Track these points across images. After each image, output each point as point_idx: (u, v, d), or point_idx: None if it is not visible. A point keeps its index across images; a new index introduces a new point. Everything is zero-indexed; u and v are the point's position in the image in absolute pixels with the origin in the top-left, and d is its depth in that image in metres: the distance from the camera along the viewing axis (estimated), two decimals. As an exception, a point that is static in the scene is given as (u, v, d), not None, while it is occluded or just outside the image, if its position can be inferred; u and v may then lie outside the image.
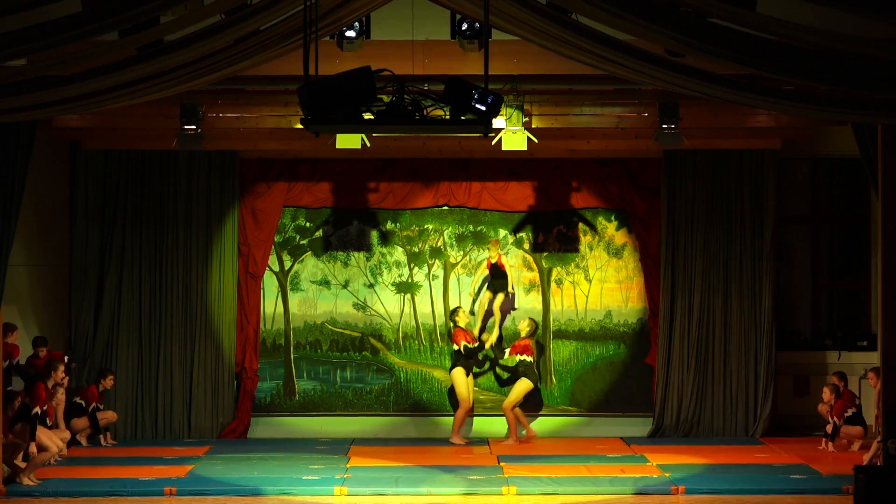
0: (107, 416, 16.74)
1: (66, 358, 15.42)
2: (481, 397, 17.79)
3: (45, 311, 17.07)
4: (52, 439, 14.46)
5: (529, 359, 16.88)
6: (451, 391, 17.39)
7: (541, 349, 17.59)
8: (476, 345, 17.06)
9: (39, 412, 14.01)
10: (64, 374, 15.10)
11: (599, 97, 15.58)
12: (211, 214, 17.56)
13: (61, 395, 14.93)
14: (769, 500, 13.62)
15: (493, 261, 17.45)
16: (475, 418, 17.66)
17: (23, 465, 13.96)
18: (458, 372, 16.95)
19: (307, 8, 10.02)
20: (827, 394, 16.37)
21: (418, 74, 12.25)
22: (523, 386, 16.84)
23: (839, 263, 18.74)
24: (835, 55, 10.30)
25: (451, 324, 17.32)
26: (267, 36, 11.01)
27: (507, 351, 17.21)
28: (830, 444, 16.17)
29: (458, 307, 17.40)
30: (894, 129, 13.23)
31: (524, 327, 17.05)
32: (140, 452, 16.18)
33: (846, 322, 18.51)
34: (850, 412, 16.22)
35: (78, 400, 16.38)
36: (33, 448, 13.82)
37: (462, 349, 16.90)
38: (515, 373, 17.03)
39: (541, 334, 17.55)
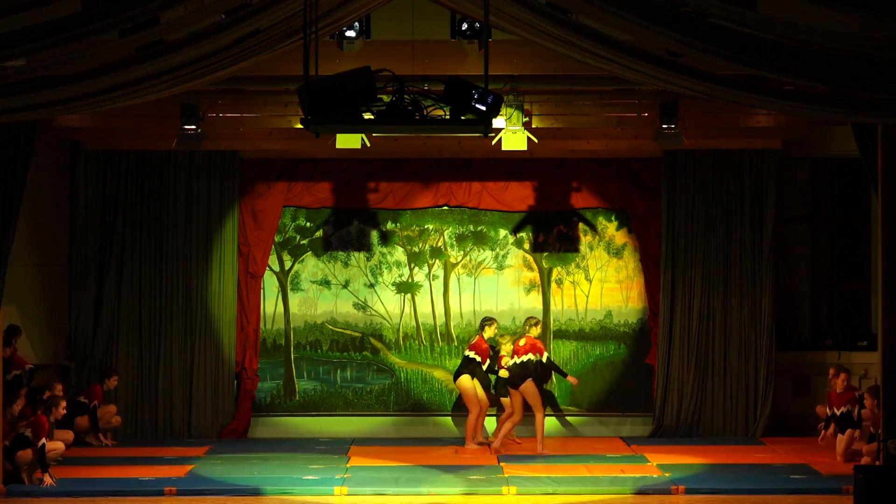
0: (109, 409, 16.72)
1: (61, 396, 15.20)
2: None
3: (45, 311, 17.07)
4: (55, 441, 14.48)
5: (539, 358, 16.26)
6: (460, 398, 17.13)
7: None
8: (487, 363, 16.46)
9: (45, 443, 13.97)
10: (64, 411, 15.03)
11: (599, 97, 15.58)
12: (211, 214, 17.56)
13: (62, 409, 14.86)
14: (769, 500, 13.63)
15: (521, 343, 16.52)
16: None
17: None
18: (465, 379, 16.48)
19: (307, 8, 10.02)
20: (833, 379, 15.95)
21: (418, 74, 12.24)
22: (533, 388, 16.18)
23: (839, 263, 18.74)
24: (835, 55, 10.30)
25: (480, 330, 16.70)
26: (267, 36, 11.02)
27: (512, 350, 16.38)
28: (826, 432, 15.94)
29: (493, 319, 16.73)
30: (894, 129, 13.23)
31: (532, 324, 16.45)
32: (140, 452, 16.18)
33: (846, 322, 18.51)
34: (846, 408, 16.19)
35: (82, 399, 16.39)
36: (48, 479, 13.82)
37: (474, 358, 16.37)
38: (525, 372, 16.19)
39: (541, 333, 17.48)
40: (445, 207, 17.94)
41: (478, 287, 17.96)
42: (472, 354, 16.54)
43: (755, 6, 10.68)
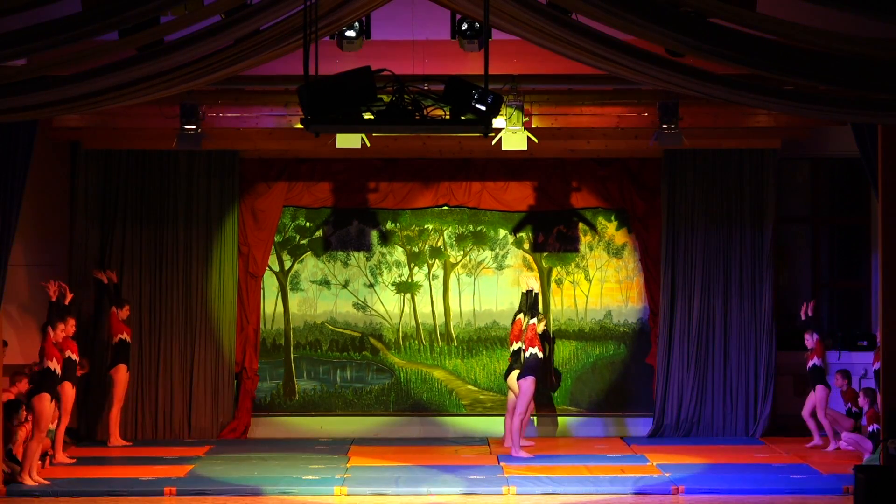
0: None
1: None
2: (481, 397, 17.81)
3: (46, 311, 17.02)
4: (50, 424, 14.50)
5: (541, 353, 15.80)
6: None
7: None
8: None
9: (58, 367, 13.95)
10: (66, 326, 14.78)
11: (599, 97, 15.58)
12: (211, 214, 17.56)
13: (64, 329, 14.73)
14: (769, 500, 13.63)
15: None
16: (475, 418, 17.69)
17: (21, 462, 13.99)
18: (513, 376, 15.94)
19: (307, 8, 10.03)
20: (861, 398, 15.59)
21: (418, 74, 12.26)
22: (532, 387, 15.71)
23: (839, 263, 18.74)
24: (835, 55, 10.30)
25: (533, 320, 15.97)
26: (267, 36, 11.02)
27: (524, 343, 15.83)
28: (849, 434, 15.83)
29: (521, 311, 16.18)
30: (894, 129, 13.24)
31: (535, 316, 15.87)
32: (140, 452, 16.19)
33: (846, 322, 18.51)
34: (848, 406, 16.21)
35: (122, 336, 16.41)
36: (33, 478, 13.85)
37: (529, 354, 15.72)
38: (527, 369, 15.71)
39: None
40: (445, 207, 17.95)
41: (477, 287, 17.97)
42: (517, 346, 16.08)
43: (755, 6, 10.70)
